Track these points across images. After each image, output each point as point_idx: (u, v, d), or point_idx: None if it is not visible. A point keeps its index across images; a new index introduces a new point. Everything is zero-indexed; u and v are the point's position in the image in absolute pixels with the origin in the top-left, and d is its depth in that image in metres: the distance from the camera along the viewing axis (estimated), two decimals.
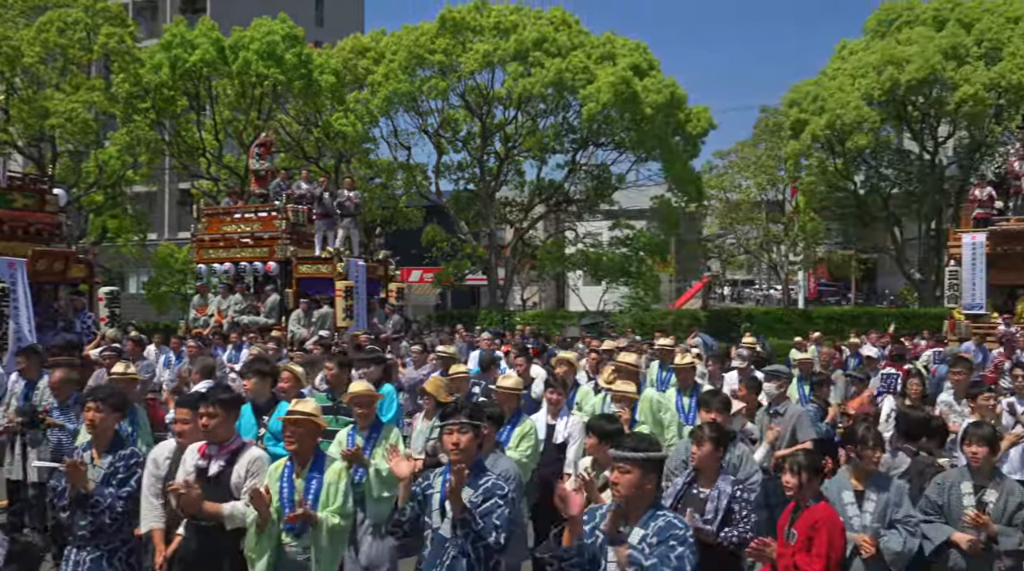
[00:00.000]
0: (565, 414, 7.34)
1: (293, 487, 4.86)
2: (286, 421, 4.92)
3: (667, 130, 31.95)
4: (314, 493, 4.85)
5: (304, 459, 4.93)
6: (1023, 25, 30.70)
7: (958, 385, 8.53)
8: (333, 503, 4.83)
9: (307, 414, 4.93)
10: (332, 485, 4.88)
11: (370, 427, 6.00)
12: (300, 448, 4.90)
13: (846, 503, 4.92)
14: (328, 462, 5.04)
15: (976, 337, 18.70)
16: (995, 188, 22.21)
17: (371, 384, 6.61)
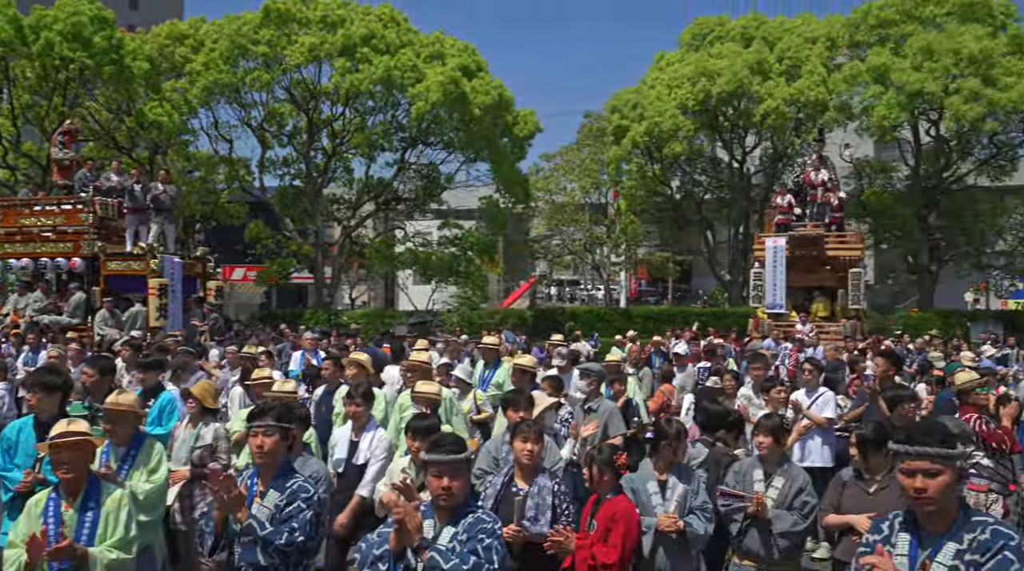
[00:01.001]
0: (372, 428, 6.45)
1: (60, 521, 4.14)
2: (55, 446, 4.13)
3: (495, 132, 32.42)
4: (90, 526, 4.16)
5: (76, 488, 4.20)
6: (820, 45, 33.28)
7: (756, 379, 9.15)
8: (112, 536, 4.16)
9: (80, 434, 4.18)
10: (111, 515, 4.20)
11: (131, 443, 5.21)
12: (75, 476, 4.16)
13: (651, 493, 5.17)
14: (106, 490, 4.30)
15: (776, 334, 20.20)
16: (794, 196, 23.98)
17: (147, 392, 6.25)
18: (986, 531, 2.93)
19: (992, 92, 28.37)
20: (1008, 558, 2.84)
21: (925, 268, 33.86)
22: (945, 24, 30.93)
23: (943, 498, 2.98)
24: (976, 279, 39.78)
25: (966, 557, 2.91)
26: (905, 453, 3.04)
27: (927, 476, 2.97)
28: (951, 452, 3.01)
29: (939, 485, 2.96)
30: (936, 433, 3.05)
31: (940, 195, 33.73)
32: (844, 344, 17.31)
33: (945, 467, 2.98)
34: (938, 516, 3.01)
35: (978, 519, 3.00)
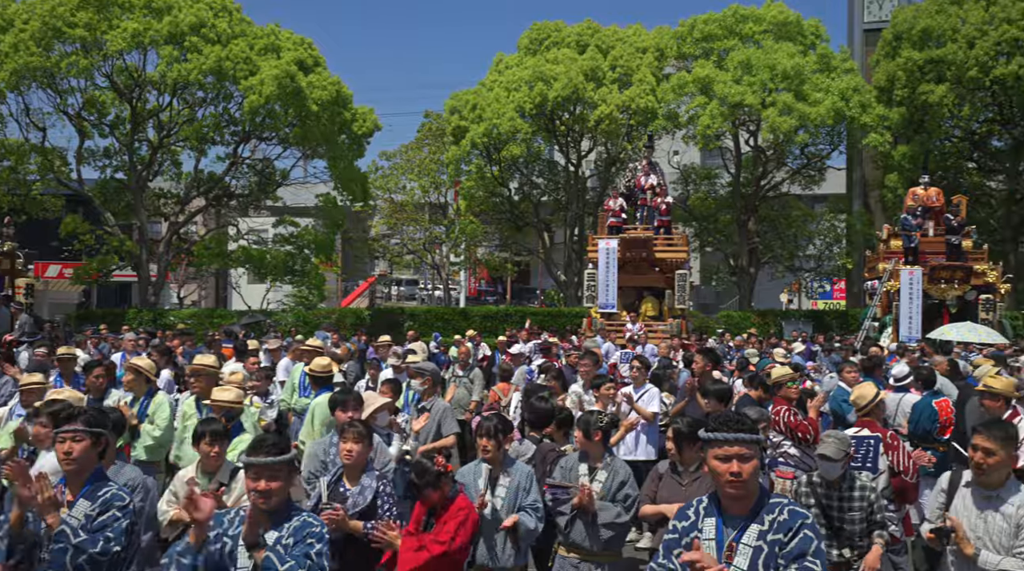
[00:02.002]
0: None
1: None
2: None
3: (333, 128, 31.83)
4: None
5: None
6: (650, 55, 34.69)
7: (586, 376, 9.41)
8: None
9: None
10: None
11: None
12: None
13: (481, 489, 5.25)
14: None
15: (606, 333, 20.88)
16: (626, 200, 24.84)
17: None
18: (784, 512, 3.11)
19: (803, 106, 30.50)
20: (808, 536, 3.05)
21: (745, 270, 35.98)
22: (762, 41, 32.99)
23: (752, 482, 3.15)
24: (789, 281, 42.69)
25: (768, 537, 3.07)
26: (724, 440, 3.17)
27: (741, 461, 3.12)
28: (757, 438, 3.20)
29: (751, 469, 3.13)
30: (746, 421, 3.24)
31: (758, 201, 35.93)
32: (690, 339, 18.25)
33: (754, 452, 3.16)
34: (743, 499, 3.16)
35: (775, 500, 3.18)
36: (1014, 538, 4.29)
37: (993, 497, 4.40)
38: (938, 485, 4.77)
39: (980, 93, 31.65)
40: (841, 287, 45.49)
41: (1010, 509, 4.34)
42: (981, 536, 4.35)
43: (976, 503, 4.46)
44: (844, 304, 42.24)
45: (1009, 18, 29.94)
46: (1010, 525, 4.31)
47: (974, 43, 30.33)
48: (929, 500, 4.72)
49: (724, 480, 3.16)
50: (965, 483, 4.56)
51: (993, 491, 4.40)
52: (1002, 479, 4.41)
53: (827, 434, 5.55)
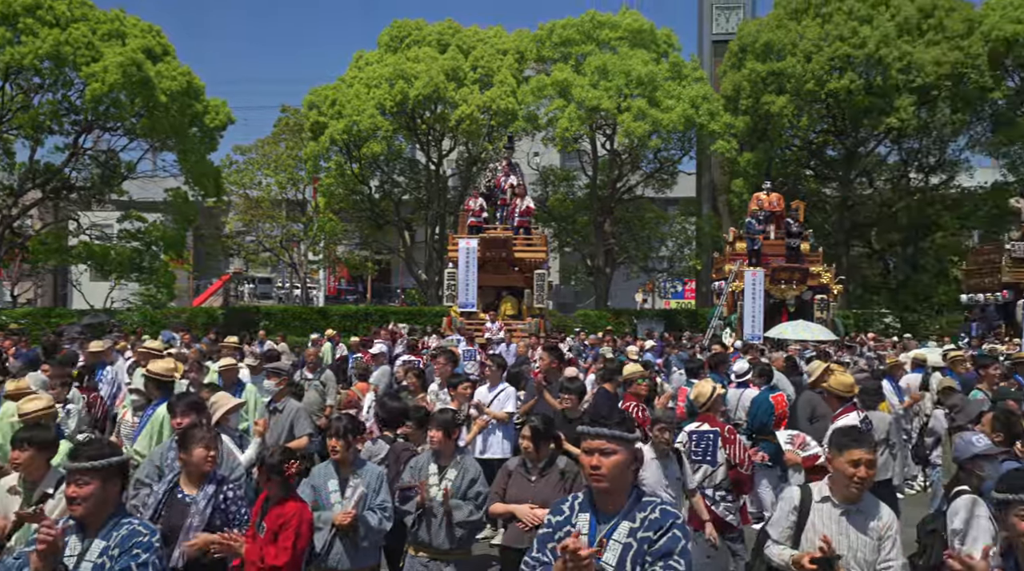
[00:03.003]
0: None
1: None
2: None
3: (183, 120, 30.53)
4: None
5: None
6: (510, 57, 35.10)
7: (442, 375, 9.44)
8: None
9: None
10: None
11: None
12: None
13: (331, 491, 5.18)
14: None
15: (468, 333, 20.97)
16: (486, 200, 25.04)
17: None
18: (656, 511, 3.15)
19: (656, 112, 31.63)
20: (676, 535, 3.09)
21: (601, 270, 36.95)
22: (618, 48, 33.98)
23: (615, 476, 3.16)
24: (643, 281, 44.17)
25: (639, 534, 3.10)
26: (586, 433, 3.23)
27: (602, 455, 3.16)
28: (624, 435, 3.20)
29: (611, 464, 3.15)
30: (615, 417, 3.28)
31: (614, 204, 36.99)
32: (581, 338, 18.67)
33: (619, 448, 3.18)
34: (613, 495, 3.19)
35: (648, 499, 3.22)
36: (877, 552, 4.08)
37: (853, 511, 4.14)
38: (787, 502, 4.35)
39: (816, 105, 33.72)
40: (691, 287, 47.39)
41: (874, 523, 4.11)
42: (844, 554, 4.04)
43: (836, 520, 4.16)
44: (694, 303, 44.01)
45: (842, 35, 32.02)
46: (873, 539, 4.09)
47: (811, 58, 32.27)
48: (777, 518, 4.35)
49: (586, 472, 3.22)
50: (820, 498, 4.25)
51: (853, 505, 4.13)
52: (862, 492, 4.16)
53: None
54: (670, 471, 6.03)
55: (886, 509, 4.19)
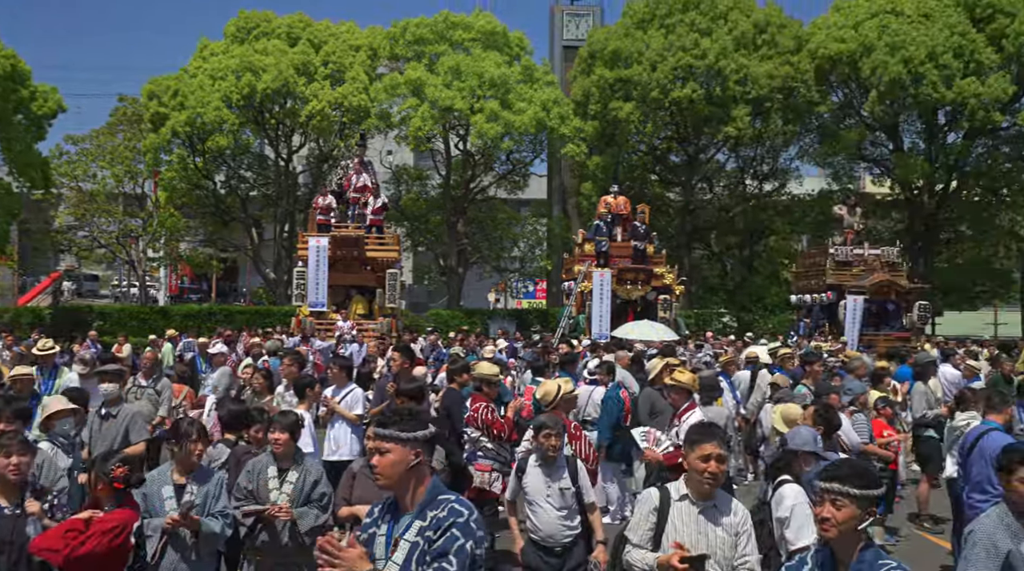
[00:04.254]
0: None
1: None
2: None
3: (7, 106, 28.48)
4: None
5: None
6: (363, 53, 34.66)
7: (288, 376, 9.20)
8: None
9: None
10: None
11: None
12: None
13: (165, 498, 4.96)
14: None
15: (320, 333, 20.59)
16: (337, 198, 24.60)
17: None
18: (444, 509, 3.11)
19: (508, 114, 32.04)
20: (454, 535, 3.04)
21: (454, 270, 37.06)
22: (471, 49, 34.19)
23: (391, 475, 3.15)
24: (496, 281, 44.63)
25: (426, 533, 3.08)
26: (372, 433, 3.27)
27: (379, 454, 3.17)
28: (396, 434, 3.16)
29: (386, 462, 3.14)
30: (393, 416, 3.26)
31: (467, 204, 37.18)
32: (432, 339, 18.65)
33: (394, 447, 3.15)
34: (402, 494, 3.19)
35: (443, 498, 3.18)
36: (734, 549, 4.08)
37: (710, 508, 4.11)
38: (646, 504, 4.24)
39: (661, 112, 35.05)
40: (543, 287, 48.26)
41: (730, 519, 4.11)
42: (704, 552, 3.99)
43: (695, 518, 4.12)
44: (545, 303, 44.83)
45: (684, 47, 33.44)
46: (731, 536, 4.09)
47: (656, 67, 33.52)
48: (636, 522, 4.26)
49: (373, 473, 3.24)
50: (678, 497, 4.18)
51: (709, 502, 4.12)
52: (714, 488, 4.15)
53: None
54: (555, 480, 5.54)
55: (740, 505, 4.24)
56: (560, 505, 5.48)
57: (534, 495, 5.52)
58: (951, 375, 12.36)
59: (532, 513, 5.51)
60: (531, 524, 5.52)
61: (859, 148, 36.76)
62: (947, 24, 31.29)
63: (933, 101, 31.50)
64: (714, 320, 35.14)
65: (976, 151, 35.06)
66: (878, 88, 31.82)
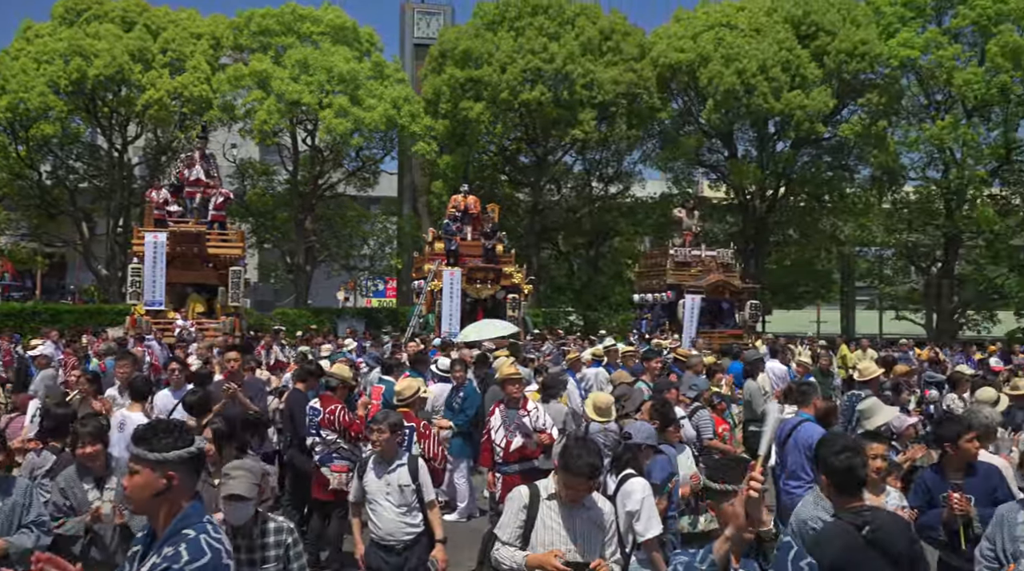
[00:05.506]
0: None
1: None
2: None
3: None
4: None
5: None
6: (205, 42, 33.31)
7: (123, 378, 8.79)
8: None
9: None
10: None
11: None
12: None
13: None
14: None
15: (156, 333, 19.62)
16: (177, 191, 23.56)
17: None
18: (178, 547, 2.74)
19: (358, 111, 31.63)
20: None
21: (301, 268, 36.23)
22: (320, 43, 33.54)
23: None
24: (345, 279, 43.94)
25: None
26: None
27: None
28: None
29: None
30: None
31: (316, 200, 36.43)
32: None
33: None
34: (153, 522, 2.87)
35: (185, 532, 2.80)
36: (604, 546, 4.14)
37: (579, 506, 4.15)
38: (516, 502, 4.24)
39: (511, 114, 35.51)
40: (393, 286, 47.92)
41: (598, 517, 4.17)
42: (573, 548, 4.06)
43: (564, 516, 4.14)
44: (395, 302, 44.54)
45: (533, 50, 34.02)
46: (599, 533, 4.15)
47: (506, 68, 33.94)
48: (505, 520, 4.24)
49: None
50: (547, 496, 4.19)
51: (578, 500, 4.15)
52: None
53: (233, 465, 4.37)
54: (395, 478, 5.48)
55: (607, 502, 4.32)
56: (399, 503, 5.47)
57: (374, 494, 5.50)
58: (779, 370, 13.20)
59: (372, 512, 5.51)
60: (371, 524, 5.52)
61: (697, 154, 38.57)
62: (776, 39, 33.28)
63: (764, 111, 33.42)
64: (561, 319, 35.98)
65: (802, 160, 37.47)
66: (714, 97, 33.45)
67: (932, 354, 19.76)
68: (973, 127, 34.04)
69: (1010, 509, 4.59)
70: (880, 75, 34.80)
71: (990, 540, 4.58)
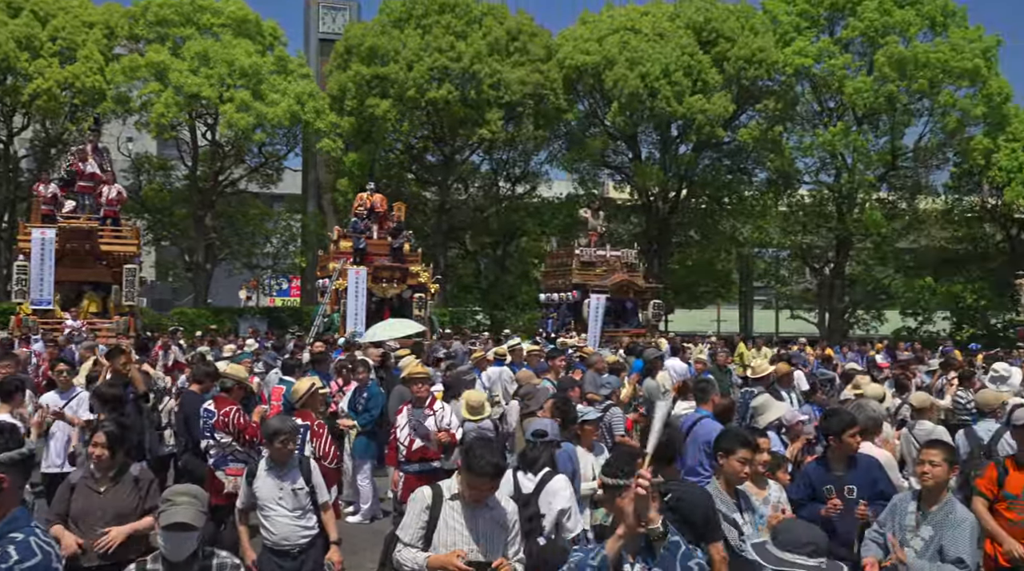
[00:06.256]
0: None
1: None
2: None
3: None
4: None
5: None
6: (98, 31, 32.01)
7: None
8: None
9: None
10: None
11: None
12: None
13: None
14: None
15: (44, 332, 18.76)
16: (68, 186, 22.61)
17: None
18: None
19: (261, 105, 30.92)
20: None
21: (201, 266, 35.21)
22: (221, 35, 32.66)
23: None
24: (248, 278, 42.94)
25: None
26: None
27: None
28: None
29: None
30: None
31: (216, 197, 35.45)
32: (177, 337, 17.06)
33: None
34: None
35: (13, 535, 2.76)
36: (507, 545, 4.14)
37: (482, 506, 4.14)
38: (418, 503, 4.21)
39: (418, 112, 35.32)
40: (297, 285, 47.08)
41: (501, 516, 4.16)
42: (475, 548, 4.04)
43: (467, 516, 4.13)
44: (299, 301, 43.78)
45: (440, 48, 33.92)
46: (502, 532, 4.15)
47: (412, 66, 33.73)
48: (408, 521, 4.21)
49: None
50: (450, 496, 4.17)
51: (481, 500, 4.16)
52: None
53: (176, 491, 4.01)
54: (287, 481, 5.34)
55: (510, 502, 4.30)
56: (293, 506, 5.35)
57: (266, 499, 5.35)
58: (679, 368, 13.50)
59: (265, 518, 5.35)
60: (264, 530, 5.36)
61: (603, 155, 39.14)
62: (678, 44, 34.06)
63: (667, 115, 34.15)
64: (468, 318, 35.99)
65: (703, 163, 38.44)
66: (619, 100, 34.00)
67: (821, 352, 20.55)
68: (863, 134, 35.53)
69: (903, 499, 4.87)
70: (776, 82, 36.00)
71: (880, 525, 4.82)
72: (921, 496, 4.78)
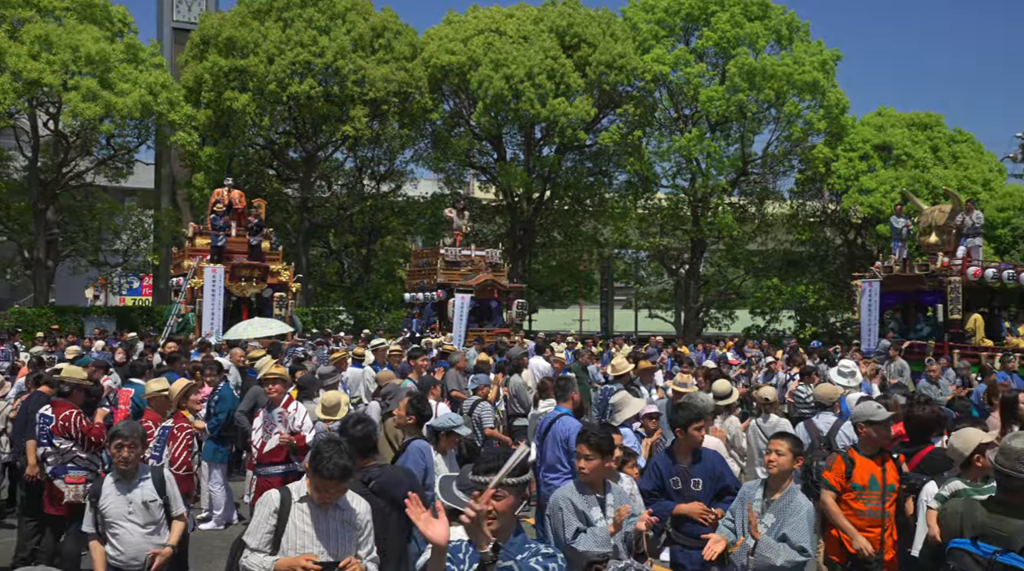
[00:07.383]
0: None
1: None
2: None
3: None
4: None
5: None
6: None
7: None
8: None
9: None
10: None
11: None
12: None
13: None
14: None
15: None
16: None
17: None
18: None
19: (109, 95, 29.34)
20: None
21: (42, 263, 33.11)
22: (64, 19, 30.82)
23: None
24: (95, 276, 40.70)
25: None
26: None
27: None
28: None
29: None
30: None
31: (59, 190, 33.43)
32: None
33: None
34: None
35: None
36: (359, 546, 4.13)
37: (331, 507, 4.12)
38: (267, 506, 4.15)
39: (279, 107, 34.42)
40: (149, 283, 45.05)
41: (352, 517, 4.16)
42: (325, 550, 4.03)
43: (317, 518, 4.13)
44: (151, 300, 41.92)
45: (302, 42, 33.18)
46: (353, 533, 4.13)
47: (274, 60, 32.85)
48: (255, 524, 4.12)
49: None
50: (299, 498, 4.15)
51: (331, 501, 4.14)
52: None
53: None
54: (137, 494, 5.06)
55: (362, 502, 4.28)
56: (145, 521, 5.09)
57: (114, 517, 5.03)
58: (543, 366, 13.73)
59: (113, 536, 5.01)
60: (112, 549, 5.01)
61: (468, 156, 39.30)
62: (542, 47, 34.58)
63: (531, 117, 34.62)
64: (331, 317, 35.39)
65: (566, 165, 39.20)
66: (484, 101, 34.21)
67: (673, 350, 21.34)
68: (716, 140, 37.11)
69: (751, 487, 5.16)
70: (636, 87, 37.12)
71: (732, 514, 5.08)
72: (767, 484, 5.07)
